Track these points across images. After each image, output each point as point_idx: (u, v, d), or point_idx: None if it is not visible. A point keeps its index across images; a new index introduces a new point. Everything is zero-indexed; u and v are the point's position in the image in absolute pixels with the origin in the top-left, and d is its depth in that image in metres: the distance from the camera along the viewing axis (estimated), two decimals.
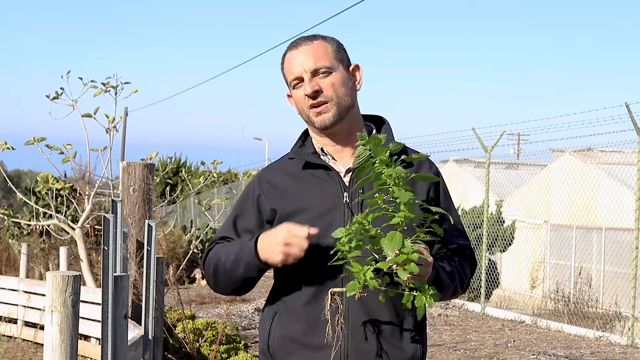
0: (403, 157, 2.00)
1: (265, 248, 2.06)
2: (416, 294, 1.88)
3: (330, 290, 1.98)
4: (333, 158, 2.22)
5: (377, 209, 1.90)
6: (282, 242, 2.01)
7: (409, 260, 1.82)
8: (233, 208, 2.29)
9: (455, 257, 2.22)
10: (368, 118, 2.31)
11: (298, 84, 2.18)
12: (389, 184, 1.86)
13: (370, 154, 1.90)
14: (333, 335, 2.02)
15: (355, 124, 2.23)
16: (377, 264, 1.86)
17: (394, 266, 1.85)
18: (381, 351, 2.10)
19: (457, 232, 2.24)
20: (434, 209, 1.99)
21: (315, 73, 2.16)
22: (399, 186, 1.85)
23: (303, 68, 2.16)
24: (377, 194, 1.91)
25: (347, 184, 2.16)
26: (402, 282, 1.87)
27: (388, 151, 1.89)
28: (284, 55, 2.24)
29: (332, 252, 1.92)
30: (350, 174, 2.17)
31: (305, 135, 2.30)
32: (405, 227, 1.88)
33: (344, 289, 1.94)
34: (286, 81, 2.25)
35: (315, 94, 2.14)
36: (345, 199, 2.14)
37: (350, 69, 2.23)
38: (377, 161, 1.88)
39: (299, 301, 2.14)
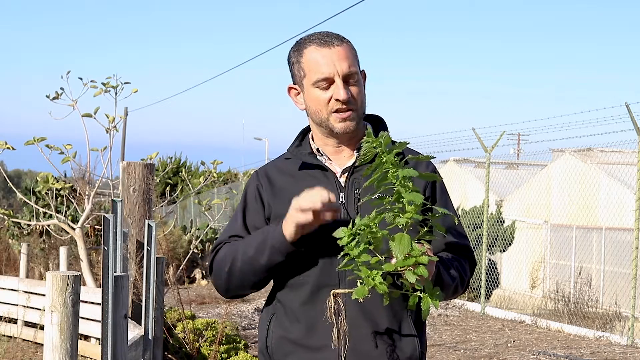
0: (409, 156, 1.98)
1: (284, 225, 2.02)
2: (421, 295, 1.87)
3: (332, 291, 1.96)
4: (329, 159, 2.20)
5: (383, 209, 1.88)
6: (294, 207, 1.97)
7: (418, 263, 1.81)
8: (237, 207, 2.26)
9: (455, 256, 2.20)
10: (364, 117, 2.27)
11: (325, 84, 2.10)
12: (395, 185, 1.84)
13: (376, 152, 1.88)
14: (338, 337, 2.00)
15: (359, 126, 2.22)
16: (384, 266, 1.84)
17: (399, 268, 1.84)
18: (380, 352, 2.08)
19: (456, 231, 2.22)
20: (439, 209, 1.98)
21: (347, 78, 2.10)
22: (405, 187, 1.83)
23: (336, 70, 2.08)
24: (379, 194, 1.90)
25: (342, 185, 2.15)
26: (407, 284, 1.85)
27: (396, 151, 1.87)
28: (305, 47, 2.13)
29: (339, 256, 1.89)
30: (345, 174, 2.16)
31: (303, 135, 2.28)
32: (410, 228, 1.87)
33: (346, 290, 1.93)
34: (300, 76, 2.16)
35: (348, 101, 2.10)
36: (341, 199, 2.13)
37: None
38: (385, 160, 1.86)
39: (296, 302, 2.12)
